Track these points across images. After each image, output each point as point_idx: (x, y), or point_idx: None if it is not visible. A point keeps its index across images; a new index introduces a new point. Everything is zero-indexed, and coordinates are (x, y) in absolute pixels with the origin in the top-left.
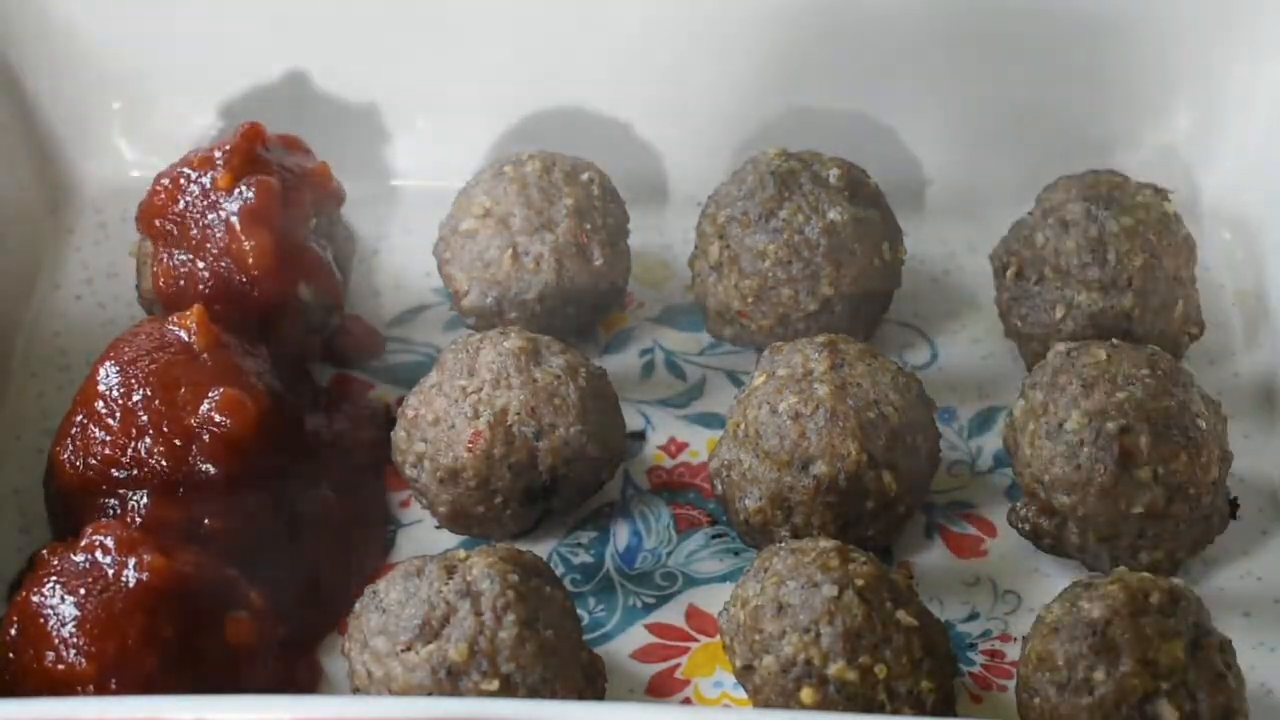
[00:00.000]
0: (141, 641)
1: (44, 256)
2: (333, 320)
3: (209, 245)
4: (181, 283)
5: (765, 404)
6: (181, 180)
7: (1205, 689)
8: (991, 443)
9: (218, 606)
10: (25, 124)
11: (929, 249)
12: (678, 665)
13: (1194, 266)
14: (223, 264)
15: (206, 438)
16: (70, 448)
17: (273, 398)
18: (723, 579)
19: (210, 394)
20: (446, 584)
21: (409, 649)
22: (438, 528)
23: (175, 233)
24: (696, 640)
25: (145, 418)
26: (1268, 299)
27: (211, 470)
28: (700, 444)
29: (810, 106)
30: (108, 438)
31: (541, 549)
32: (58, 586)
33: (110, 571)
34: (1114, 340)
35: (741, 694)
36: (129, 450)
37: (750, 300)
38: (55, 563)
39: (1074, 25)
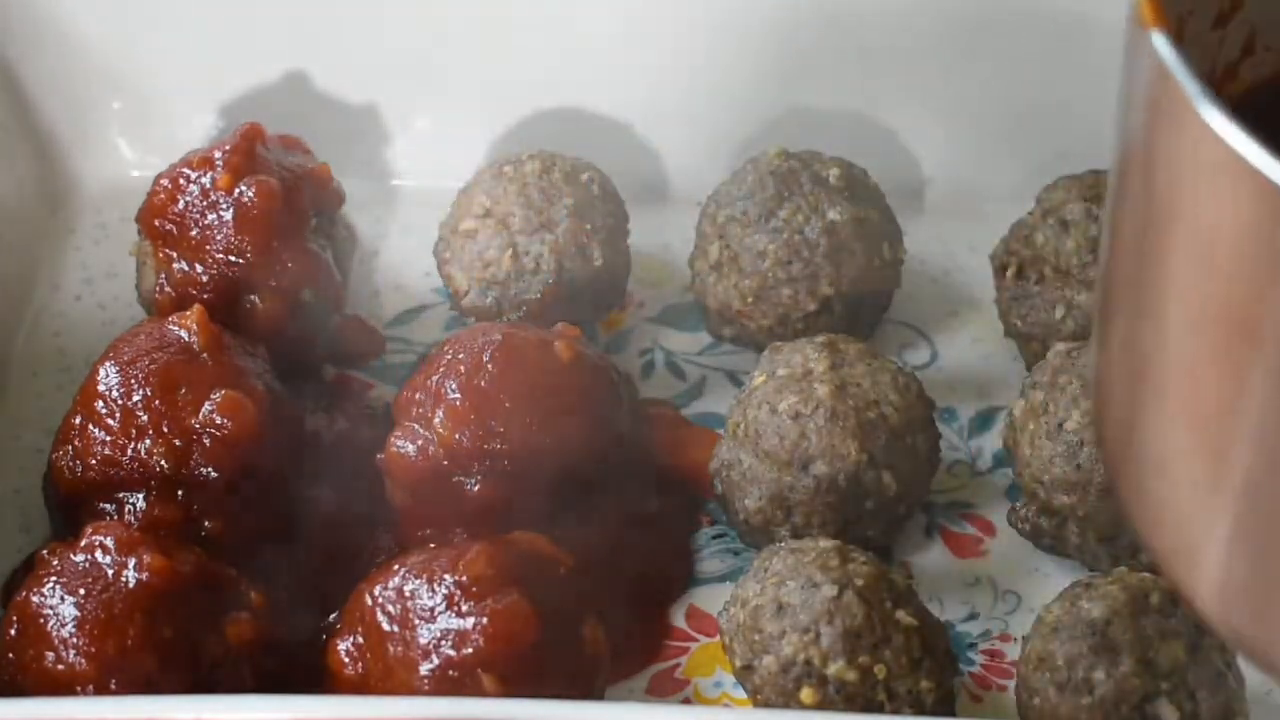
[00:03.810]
0: (141, 641)
1: (44, 256)
2: (333, 320)
3: (209, 246)
4: (178, 290)
5: (765, 404)
6: (181, 180)
7: (1205, 689)
8: (991, 443)
9: (218, 606)
10: (25, 124)
11: (929, 249)
12: (678, 665)
13: None
14: (223, 266)
15: (207, 440)
16: (70, 448)
17: (273, 398)
18: (723, 579)
19: (211, 395)
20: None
21: None
22: None
23: (175, 233)
24: (696, 640)
25: (145, 418)
26: None
27: (212, 471)
28: None
29: (810, 106)
30: (108, 438)
31: None
32: (57, 586)
33: (110, 571)
34: None
35: (741, 694)
36: (129, 451)
37: (750, 300)
38: (55, 563)
39: (1075, 25)
